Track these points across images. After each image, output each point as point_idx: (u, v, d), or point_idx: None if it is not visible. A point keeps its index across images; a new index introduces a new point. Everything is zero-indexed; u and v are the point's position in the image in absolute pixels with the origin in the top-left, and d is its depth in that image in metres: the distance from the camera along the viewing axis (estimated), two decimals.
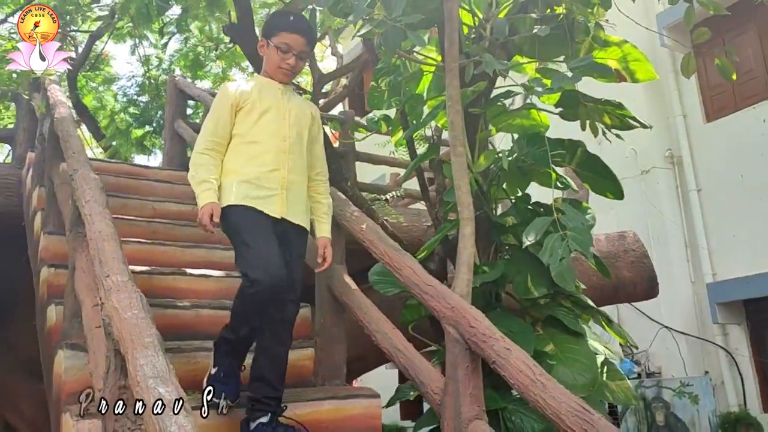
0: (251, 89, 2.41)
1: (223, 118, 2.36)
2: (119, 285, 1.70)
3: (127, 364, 1.44)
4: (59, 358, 2.33)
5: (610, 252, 5.81)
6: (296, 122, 2.46)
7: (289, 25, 2.41)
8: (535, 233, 2.80)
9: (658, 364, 9.77)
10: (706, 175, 9.54)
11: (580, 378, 3.22)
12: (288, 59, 2.43)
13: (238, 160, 2.33)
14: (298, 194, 2.42)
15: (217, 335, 2.87)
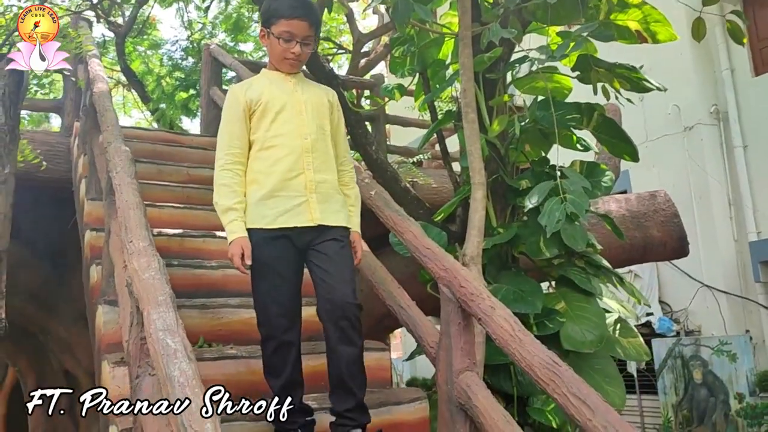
0: (260, 89, 2.24)
1: (237, 127, 2.20)
2: (140, 250, 1.92)
3: (144, 318, 1.67)
4: (99, 313, 2.61)
5: (640, 211, 5.84)
6: (315, 115, 2.27)
7: (288, 10, 2.19)
8: (537, 196, 2.92)
9: (698, 322, 9.74)
10: (752, 131, 9.30)
11: (588, 335, 3.37)
12: (292, 48, 2.22)
13: (259, 169, 2.17)
14: (330, 193, 2.24)
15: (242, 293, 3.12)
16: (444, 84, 3.96)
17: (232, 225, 2.11)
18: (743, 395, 8.60)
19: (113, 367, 2.25)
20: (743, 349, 8.82)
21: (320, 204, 2.18)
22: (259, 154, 2.18)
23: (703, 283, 9.48)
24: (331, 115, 2.35)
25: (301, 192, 2.16)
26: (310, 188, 2.17)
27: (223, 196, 2.14)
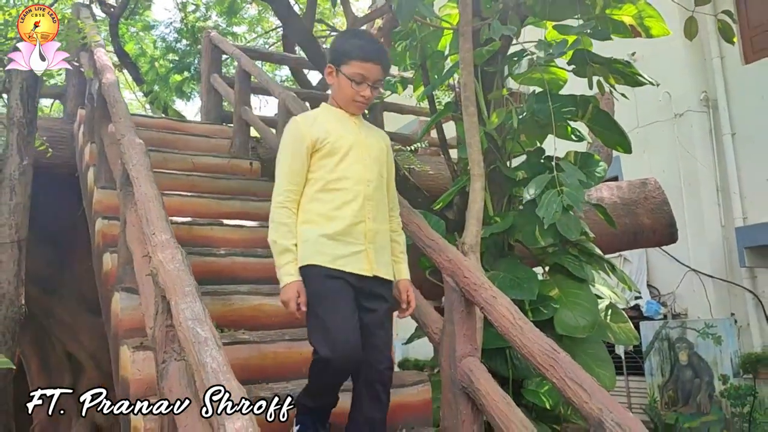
0: (326, 126, 2.16)
1: (298, 163, 2.12)
2: (164, 242, 2.03)
3: (172, 308, 1.78)
4: (115, 299, 2.72)
5: (631, 199, 5.99)
6: (376, 161, 2.21)
7: (362, 52, 2.13)
8: (535, 188, 3.05)
9: (685, 306, 9.96)
10: (741, 119, 9.45)
11: (581, 320, 3.52)
12: (363, 91, 2.15)
13: (319, 211, 2.10)
14: (382, 244, 2.19)
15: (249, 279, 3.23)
16: (443, 75, 4.07)
17: (288, 267, 2.06)
18: (727, 377, 8.85)
19: (133, 352, 2.37)
20: (728, 332, 9.05)
21: (376, 255, 2.13)
22: (319, 195, 2.11)
23: (690, 267, 9.69)
24: (387, 161, 2.29)
25: (360, 240, 2.11)
26: (369, 238, 2.13)
27: (282, 236, 2.08)
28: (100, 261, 3.16)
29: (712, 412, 8.86)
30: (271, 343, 2.66)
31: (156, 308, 1.95)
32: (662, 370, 9.66)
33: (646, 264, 10.38)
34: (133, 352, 2.37)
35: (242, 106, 4.78)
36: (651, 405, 9.60)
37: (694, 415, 8.98)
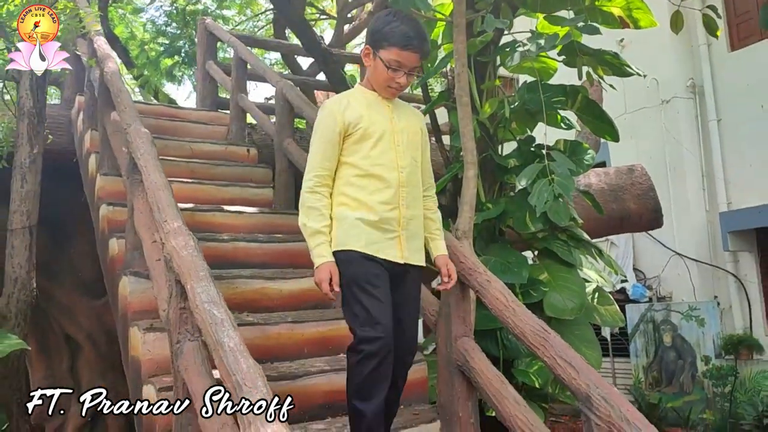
0: (359, 110, 2.12)
1: (330, 148, 2.10)
2: (176, 230, 2.14)
3: (187, 292, 1.90)
4: (124, 283, 2.83)
5: (618, 185, 6.14)
6: (410, 146, 2.19)
7: (404, 39, 2.07)
8: (527, 177, 3.17)
9: (669, 289, 10.19)
10: (726, 105, 9.62)
11: (569, 303, 3.66)
12: (398, 78, 2.11)
13: (355, 196, 2.09)
14: (415, 230, 2.18)
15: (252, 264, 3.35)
16: (437, 65, 4.16)
17: (320, 248, 2.05)
18: (709, 358, 9.09)
19: (144, 333, 2.49)
20: (711, 314, 9.29)
21: (408, 242, 2.13)
22: (355, 180, 2.10)
23: (675, 251, 9.90)
24: (422, 142, 2.27)
25: (393, 227, 2.11)
26: (403, 224, 2.12)
27: (312, 219, 2.07)
28: (106, 246, 3.26)
29: (695, 391, 9.11)
30: (274, 324, 2.79)
31: (170, 292, 2.06)
32: (647, 352, 9.89)
33: (633, 248, 10.59)
34: (144, 333, 2.48)
35: (239, 93, 4.85)
36: (636, 385, 9.85)
37: (677, 394, 9.23)
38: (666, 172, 9.97)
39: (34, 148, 2.83)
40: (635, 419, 1.72)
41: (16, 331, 2.86)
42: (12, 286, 2.91)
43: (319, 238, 2.06)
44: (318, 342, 2.83)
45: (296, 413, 2.32)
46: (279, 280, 3.12)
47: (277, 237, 3.59)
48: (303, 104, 3.87)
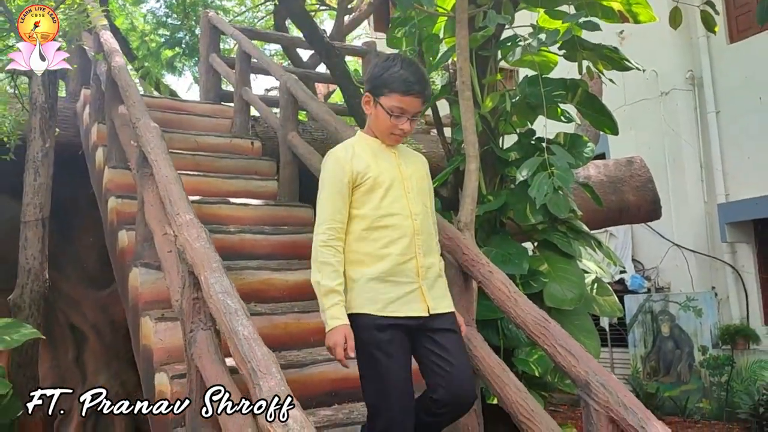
0: (366, 160, 2.05)
1: (339, 200, 2.01)
2: (188, 222, 2.21)
3: (200, 282, 1.97)
4: (134, 275, 2.89)
5: (617, 177, 6.21)
6: (419, 191, 2.12)
7: (404, 85, 2.01)
8: (527, 170, 3.24)
9: (668, 280, 10.29)
10: (725, 97, 9.68)
11: (568, 293, 3.73)
12: (402, 124, 2.05)
13: (367, 251, 2.00)
14: (435, 277, 2.09)
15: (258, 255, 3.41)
16: (438, 59, 4.22)
17: (334, 310, 1.94)
18: (707, 347, 9.20)
19: (156, 323, 2.56)
20: (708, 305, 9.39)
21: (430, 291, 2.04)
22: (366, 234, 2.00)
23: (673, 242, 9.99)
24: (429, 188, 2.21)
25: (412, 278, 2.01)
26: (421, 274, 2.03)
27: (326, 276, 1.96)
28: (116, 238, 3.33)
29: (692, 381, 9.23)
30: (281, 314, 2.86)
31: (183, 282, 2.13)
32: (645, 342, 10.01)
33: (632, 239, 10.67)
34: (155, 322, 2.56)
35: (243, 86, 4.91)
36: (634, 375, 9.97)
37: (675, 384, 9.35)
38: (665, 164, 10.04)
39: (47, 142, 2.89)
40: (632, 404, 1.80)
41: (30, 321, 2.93)
42: (26, 277, 2.98)
43: (333, 298, 1.95)
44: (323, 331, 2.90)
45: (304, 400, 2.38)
46: (285, 271, 3.20)
47: (283, 229, 3.66)
48: (307, 99, 3.93)
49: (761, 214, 9.19)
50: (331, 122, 3.52)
